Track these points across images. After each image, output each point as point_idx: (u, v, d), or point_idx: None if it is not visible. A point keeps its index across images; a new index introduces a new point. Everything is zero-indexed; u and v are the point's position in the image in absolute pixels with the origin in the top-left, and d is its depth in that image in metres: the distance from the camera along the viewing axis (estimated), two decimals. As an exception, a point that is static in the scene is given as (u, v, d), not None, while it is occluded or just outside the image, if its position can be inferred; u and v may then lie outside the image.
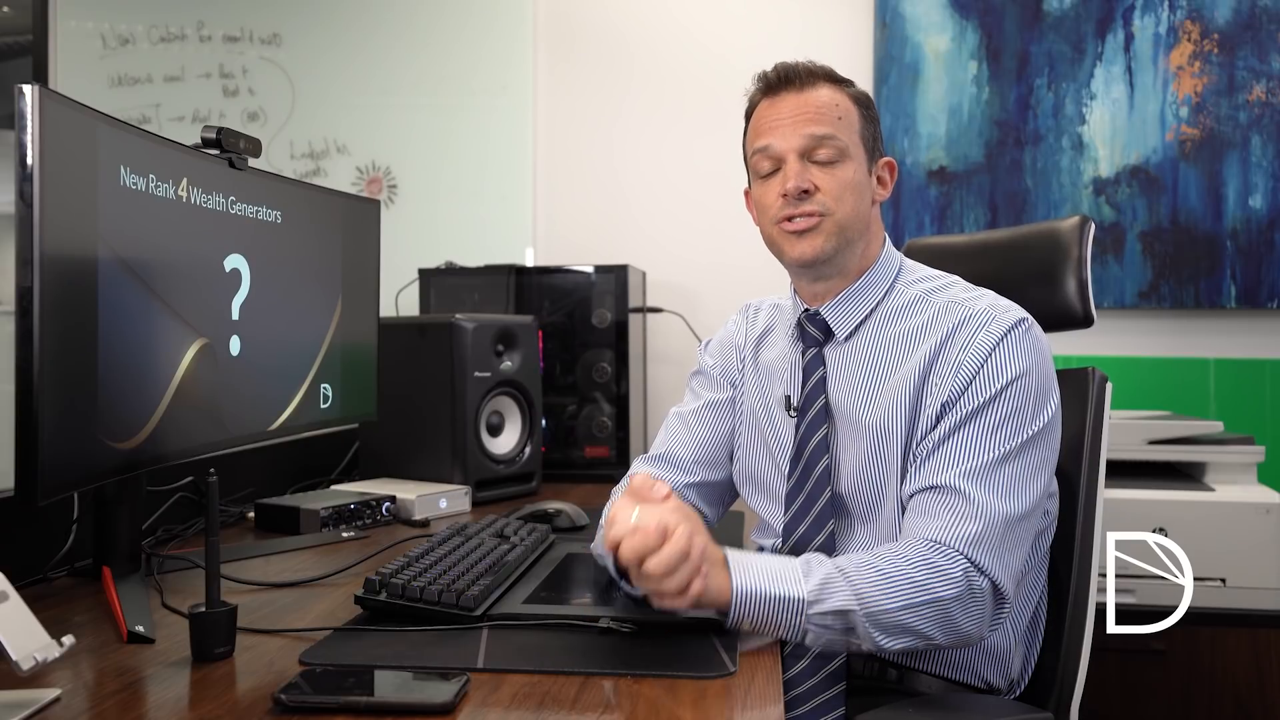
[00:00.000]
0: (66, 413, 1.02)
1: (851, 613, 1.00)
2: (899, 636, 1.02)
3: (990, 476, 1.09)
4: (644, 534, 0.94)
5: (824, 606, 1.00)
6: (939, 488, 1.10)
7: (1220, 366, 2.38)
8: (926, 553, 1.05)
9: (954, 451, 1.11)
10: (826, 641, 1.03)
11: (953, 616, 1.03)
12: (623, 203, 2.63)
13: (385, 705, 0.81)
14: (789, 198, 1.19)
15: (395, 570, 1.10)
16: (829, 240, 1.19)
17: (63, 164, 1.01)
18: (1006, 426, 1.11)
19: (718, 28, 2.59)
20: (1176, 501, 1.89)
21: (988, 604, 1.06)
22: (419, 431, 1.88)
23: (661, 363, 2.57)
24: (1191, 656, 1.89)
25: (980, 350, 1.13)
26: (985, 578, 1.05)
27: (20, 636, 0.82)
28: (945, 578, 1.03)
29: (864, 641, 1.02)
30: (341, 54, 2.72)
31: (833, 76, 1.24)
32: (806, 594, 1.00)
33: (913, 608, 1.01)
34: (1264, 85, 2.33)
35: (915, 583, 1.02)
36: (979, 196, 2.46)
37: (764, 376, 1.33)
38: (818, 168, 1.19)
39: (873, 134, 1.25)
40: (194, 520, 1.56)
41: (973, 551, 1.05)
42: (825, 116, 1.19)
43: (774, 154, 1.21)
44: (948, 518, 1.07)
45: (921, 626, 1.02)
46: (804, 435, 1.23)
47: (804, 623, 1.00)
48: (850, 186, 1.20)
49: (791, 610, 1.00)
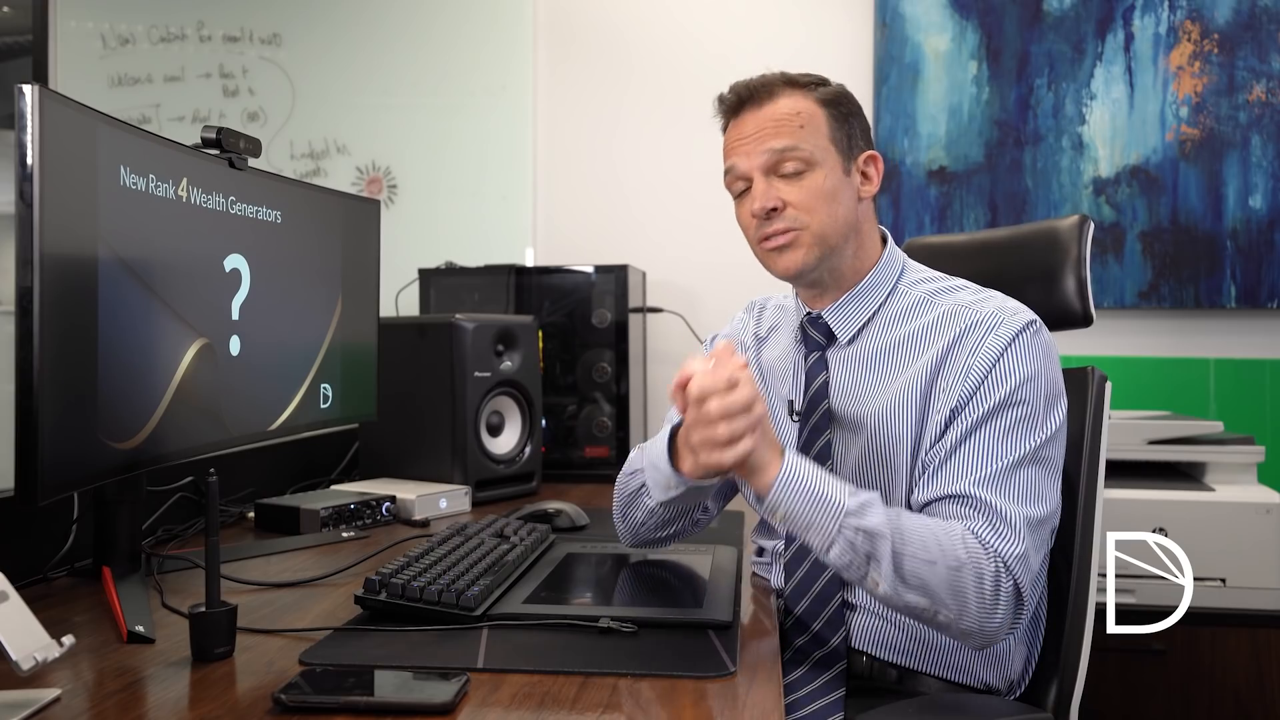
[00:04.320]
0: (66, 413, 1.02)
1: (882, 538, 1.00)
2: (912, 590, 1.01)
3: (1009, 482, 1.08)
4: (714, 377, 0.97)
5: (860, 521, 1.00)
6: (959, 496, 1.08)
7: (1220, 366, 2.38)
8: (966, 536, 1.04)
9: (969, 459, 1.09)
10: (847, 561, 1.01)
11: (966, 594, 1.02)
12: (623, 203, 2.63)
13: (385, 705, 0.81)
14: (757, 218, 1.19)
15: (395, 570, 1.10)
16: (809, 252, 1.19)
17: (63, 164, 1.01)
18: (1020, 430, 1.09)
19: (718, 28, 2.59)
20: (1176, 501, 1.89)
21: (1007, 602, 1.05)
22: (419, 431, 1.88)
23: (661, 363, 2.57)
24: (1191, 656, 1.89)
25: (989, 354, 1.12)
26: (1011, 579, 1.04)
27: (20, 636, 0.82)
28: (973, 556, 1.03)
29: (881, 579, 1.01)
30: (341, 54, 2.72)
31: (794, 81, 1.21)
32: (849, 502, 1.00)
33: (936, 565, 1.01)
34: (1264, 85, 2.33)
35: (948, 551, 1.02)
36: (979, 196, 2.46)
37: (766, 377, 1.33)
38: (784, 181, 1.18)
39: (847, 132, 1.22)
40: (194, 520, 1.56)
41: (1002, 555, 1.04)
42: (784, 128, 1.18)
43: (740, 174, 1.21)
44: (976, 522, 1.06)
45: (938, 589, 1.01)
46: (806, 440, 1.22)
47: (836, 529, 1.00)
48: (821, 194, 1.18)
49: (830, 511, 1.00)
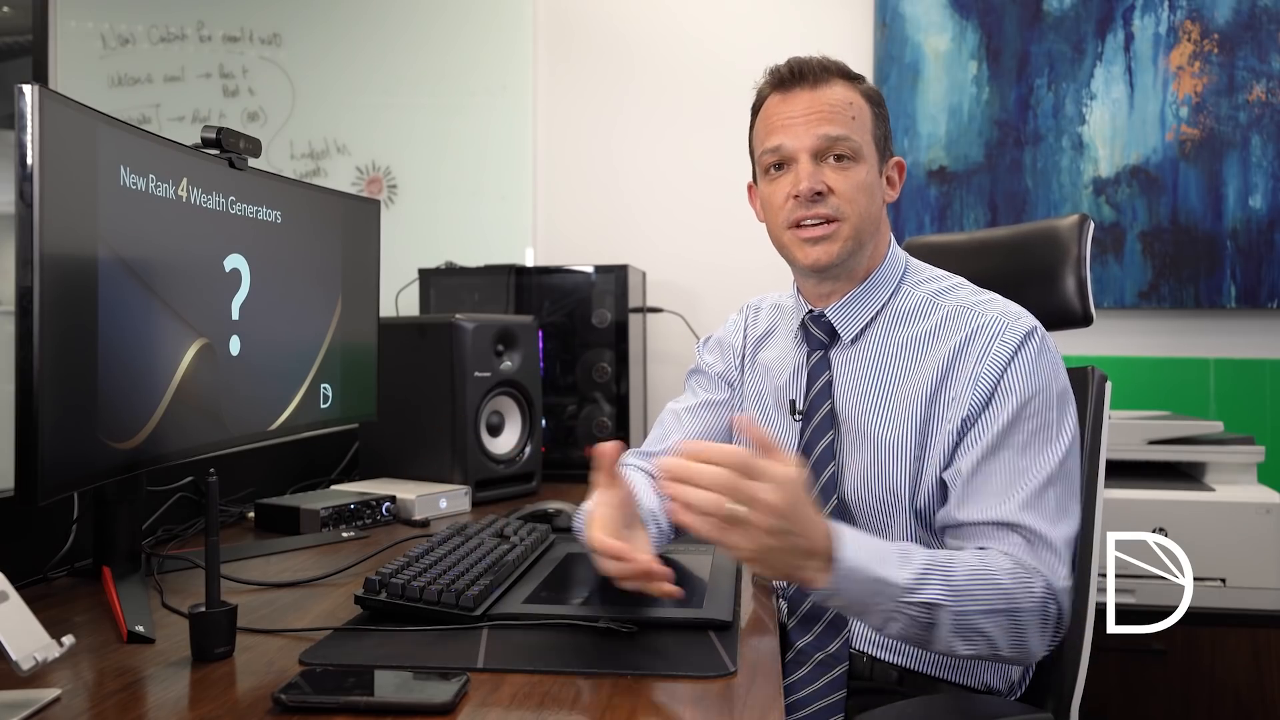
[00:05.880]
0: (66, 413, 1.02)
1: (941, 608, 0.96)
2: (973, 643, 0.99)
3: (1043, 503, 1.06)
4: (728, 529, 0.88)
5: (918, 597, 0.95)
6: (1006, 524, 1.06)
7: (1220, 366, 2.38)
8: (1011, 565, 1.02)
9: (1003, 480, 1.07)
10: (906, 635, 0.98)
11: (1025, 632, 1.01)
12: (622, 203, 2.63)
13: (385, 705, 0.81)
14: (801, 199, 1.16)
15: (395, 570, 1.10)
16: (844, 246, 1.17)
17: (63, 164, 1.01)
18: (1039, 441, 1.08)
19: (718, 28, 2.59)
20: (1176, 501, 1.89)
21: (1053, 626, 1.04)
22: (419, 431, 1.88)
23: (661, 363, 2.57)
24: (1191, 656, 1.89)
25: (996, 363, 1.10)
26: (1056, 603, 1.03)
27: (20, 636, 0.82)
28: (1029, 592, 1.00)
29: (937, 642, 0.98)
30: (341, 54, 2.72)
31: (847, 73, 1.21)
32: (904, 578, 0.95)
33: (994, 614, 0.98)
34: (1264, 85, 2.33)
35: (1002, 589, 0.99)
36: (979, 196, 2.46)
37: (762, 378, 1.32)
38: (830, 169, 1.16)
39: (884, 133, 1.22)
40: (194, 520, 1.56)
41: (1050, 583, 1.03)
42: (839, 116, 1.16)
43: (786, 153, 1.18)
44: (1024, 552, 1.04)
45: (995, 635, 0.99)
46: (809, 440, 1.21)
47: (894, 608, 0.95)
48: (863, 188, 1.17)
49: (886, 593, 0.94)
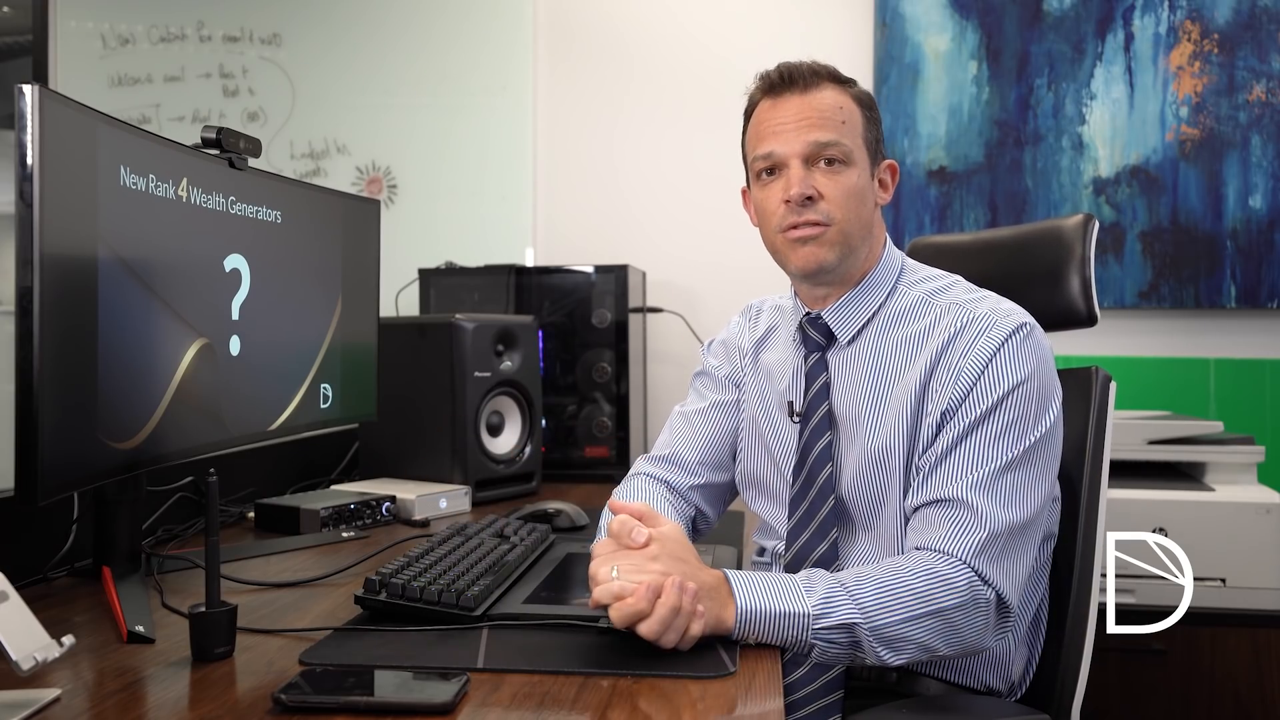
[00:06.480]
0: (66, 413, 1.02)
1: (856, 625, 0.99)
2: (903, 650, 1.01)
3: (993, 486, 1.07)
4: (635, 599, 0.92)
5: (829, 621, 0.99)
6: (943, 501, 1.09)
7: (1220, 366, 2.38)
8: (929, 562, 1.04)
9: (958, 464, 1.09)
10: (832, 655, 1.02)
11: (956, 627, 1.03)
12: (623, 203, 2.63)
13: (385, 705, 0.81)
14: (792, 204, 1.16)
15: (395, 570, 1.10)
16: (833, 250, 1.18)
17: (63, 164, 1.01)
18: (1009, 435, 1.09)
19: (718, 28, 2.59)
20: (1176, 501, 1.89)
21: (991, 614, 1.05)
22: (419, 431, 1.88)
23: (661, 363, 2.57)
24: (1191, 656, 1.89)
25: (980, 357, 1.11)
26: (989, 588, 1.04)
27: (20, 636, 0.82)
28: (948, 587, 1.02)
29: (869, 656, 1.01)
30: (341, 54, 2.72)
31: (837, 77, 1.21)
32: (810, 609, 0.99)
33: (916, 619, 1.01)
34: (1264, 85, 2.33)
35: (918, 593, 1.01)
36: (979, 196, 2.46)
37: (764, 379, 1.32)
38: (821, 173, 1.17)
39: (875, 136, 1.22)
40: (194, 520, 1.56)
41: (976, 561, 1.04)
42: (829, 121, 1.17)
43: (777, 159, 1.18)
44: (950, 528, 1.06)
45: (925, 639, 1.02)
46: (807, 442, 1.22)
47: (809, 637, 0.99)
48: (853, 193, 1.17)
49: (796, 624, 0.99)
